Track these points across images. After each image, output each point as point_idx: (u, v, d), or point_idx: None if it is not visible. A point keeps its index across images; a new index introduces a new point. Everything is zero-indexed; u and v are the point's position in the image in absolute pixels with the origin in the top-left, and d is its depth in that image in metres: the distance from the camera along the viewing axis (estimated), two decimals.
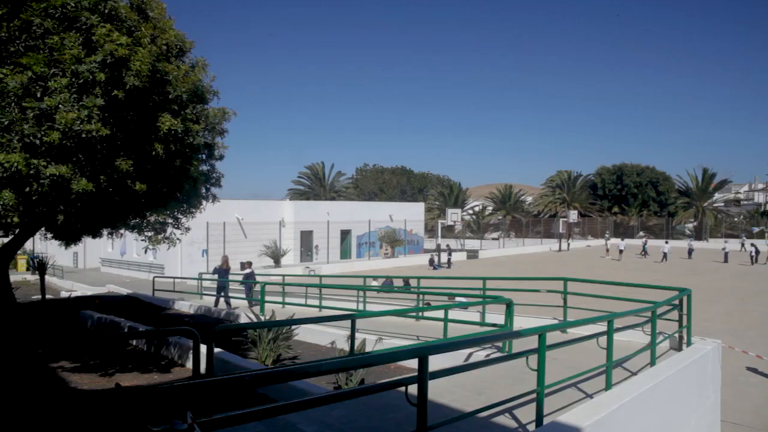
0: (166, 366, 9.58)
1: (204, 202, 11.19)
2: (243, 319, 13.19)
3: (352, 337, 7.27)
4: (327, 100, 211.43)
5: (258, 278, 19.97)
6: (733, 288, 24.51)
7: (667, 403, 6.30)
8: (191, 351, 6.49)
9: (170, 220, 11.00)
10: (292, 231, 35.79)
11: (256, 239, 32.62)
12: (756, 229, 59.04)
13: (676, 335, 8.03)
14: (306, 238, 37.01)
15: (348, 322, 7.47)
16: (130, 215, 9.96)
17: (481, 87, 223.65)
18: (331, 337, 10.52)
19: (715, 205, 64.96)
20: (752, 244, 37.74)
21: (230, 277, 18.19)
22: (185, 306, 17.14)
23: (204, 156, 10.45)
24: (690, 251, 38.66)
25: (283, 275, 22.41)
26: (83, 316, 14.44)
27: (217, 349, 8.48)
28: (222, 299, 17.37)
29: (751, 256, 35.50)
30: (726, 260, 36.01)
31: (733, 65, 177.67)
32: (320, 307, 14.04)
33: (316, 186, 69.39)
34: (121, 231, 11.28)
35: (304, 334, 11.00)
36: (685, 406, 6.97)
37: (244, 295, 17.65)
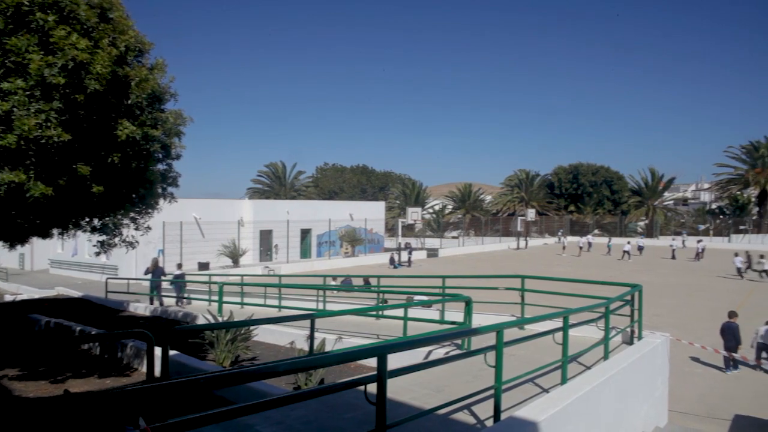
0: (121, 370, 9.31)
1: (161, 202, 10.92)
2: (200, 321, 12.95)
3: (311, 337, 7.22)
4: (287, 98, 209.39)
5: (216, 279, 19.70)
6: (680, 283, 25.49)
7: (619, 394, 6.50)
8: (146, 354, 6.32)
9: (127, 221, 10.70)
10: (251, 230, 35.30)
11: (214, 239, 32.06)
12: (702, 227, 61.54)
13: (628, 330, 8.28)
14: (265, 237, 36.58)
15: (308, 322, 7.42)
16: (85, 217, 9.65)
17: (441, 86, 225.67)
18: (291, 337, 10.43)
19: (665, 203, 67.36)
20: (699, 240, 39.38)
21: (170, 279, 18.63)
22: (141, 308, 16.71)
23: (161, 155, 10.20)
24: (640, 248, 40.02)
25: (242, 275, 22.11)
26: (31, 320, 13.88)
27: (173, 352, 8.29)
28: (174, 299, 17.63)
29: (697, 253, 37.08)
30: (674, 257, 37.45)
31: (682, 69, 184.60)
32: (280, 307, 13.90)
33: (275, 185, 68.65)
34: (73, 231, 10.92)
35: (263, 334, 10.87)
36: (636, 397, 7.21)
37: (190, 295, 17.67)
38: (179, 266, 20.01)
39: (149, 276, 19.15)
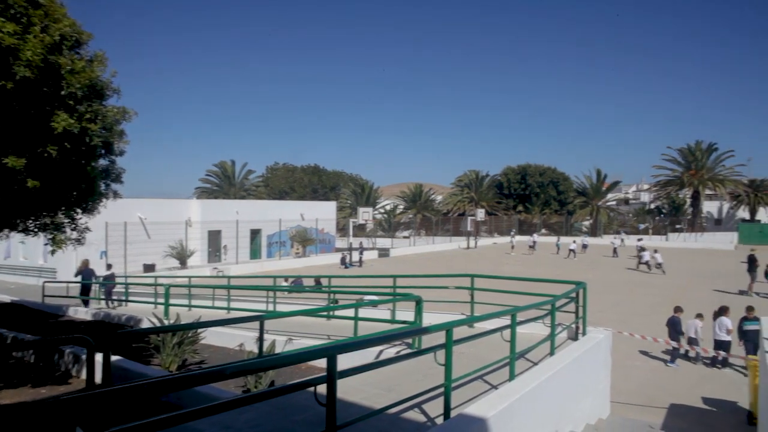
0: (59, 378, 8.88)
1: (104, 200, 10.47)
2: (146, 324, 12.54)
3: (260, 339, 7.11)
4: (238, 98, 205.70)
5: (162, 280, 19.15)
6: (622, 280, 26.52)
7: (565, 389, 6.69)
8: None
9: (66, 220, 10.20)
10: (199, 231, 34.48)
11: (160, 240, 31.12)
12: (642, 226, 64.26)
13: (573, 326, 8.53)
14: (214, 238, 35.80)
15: (258, 324, 7.30)
16: (20, 215, 9.14)
17: (392, 86, 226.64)
18: (240, 340, 10.24)
19: (608, 204, 69.92)
20: (639, 239, 41.11)
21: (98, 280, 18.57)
22: (81, 312, 16.05)
23: (103, 151, 9.78)
24: (584, 246, 41.42)
25: (190, 277, 21.57)
26: None
27: (116, 357, 7.99)
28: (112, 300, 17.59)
29: (638, 249, 38.75)
30: (615, 254, 38.98)
31: (625, 73, 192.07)
32: (229, 309, 13.63)
33: (225, 184, 67.33)
34: (7, 232, 10.32)
35: (211, 337, 10.63)
36: (581, 391, 7.44)
37: (135, 298, 17.25)
38: (109, 267, 19.78)
39: (79, 278, 18.76)
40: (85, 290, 18.40)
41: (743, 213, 67.37)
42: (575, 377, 7.12)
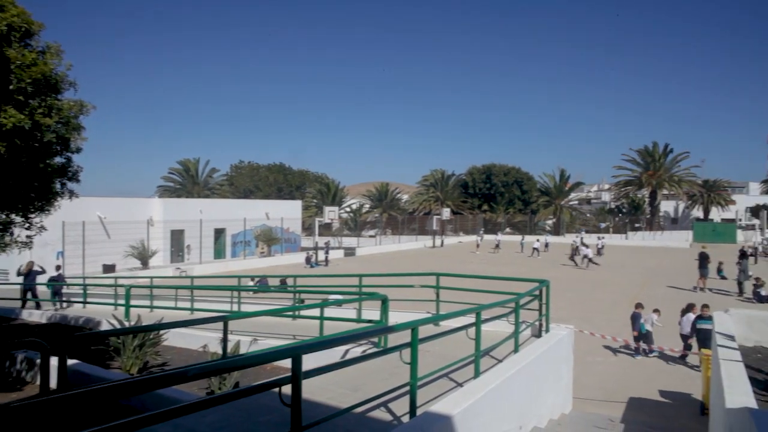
0: (11, 385, 8.52)
1: (59, 199, 10.09)
2: (105, 326, 12.19)
3: (224, 340, 6.99)
4: (203, 95, 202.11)
5: (123, 281, 18.69)
6: (583, 278, 27.11)
7: (528, 385, 6.79)
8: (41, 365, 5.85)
9: (18, 220, 9.79)
10: (162, 230, 33.73)
11: (121, 239, 30.32)
12: (603, 225, 65.84)
13: (537, 323, 8.67)
14: (177, 237, 35.09)
15: (221, 325, 7.17)
16: None
17: (358, 85, 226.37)
18: (204, 341, 10.05)
19: (570, 203, 71.41)
20: (599, 237, 42.16)
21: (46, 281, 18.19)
22: (36, 315, 15.48)
23: (58, 148, 9.42)
24: (546, 245, 42.25)
25: (151, 277, 21.09)
26: None
27: (73, 361, 7.75)
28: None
29: (598, 248, 39.73)
30: (577, 253, 39.81)
31: (587, 75, 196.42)
32: (192, 309, 13.37)
33: (188, 183, 66.06)
34: None
35: (174, 338, 10.40)
36: (544, 387, 7.57)
37: (94, 299, 16.84)
38: (57, 268, 19.46)
39: (23, 279, 18.31)
40: (31, 292, 17.85)
41: (697, 212, 69.82)
42: (539, 373, 7.23)
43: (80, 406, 2.59)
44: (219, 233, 37.86)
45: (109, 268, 28.69)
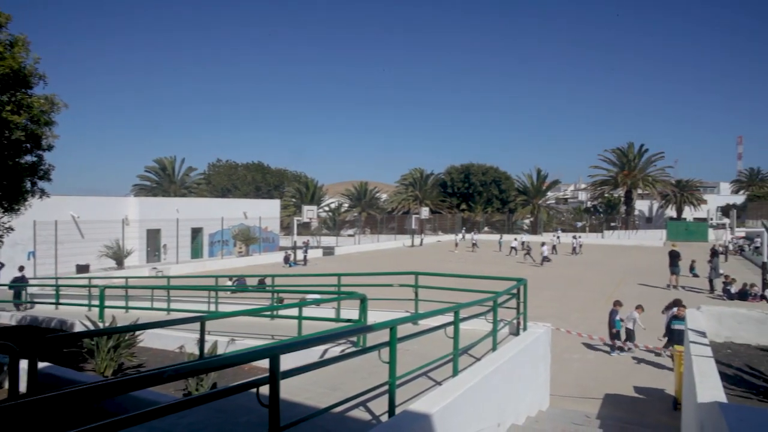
0: None
1: (30, 198, 9.83)
2: (79, 328, 11.97)
3: (201, 340, 6.91)
4: (180, 94, 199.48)
5: (97, 282, 18.37)
6: (560, 276, 27.43)
7: (507, 383, 6.84)
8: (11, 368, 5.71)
9: None
10: (138, 230, 33.22)
11: (95, 239, 29.77)
12: (579, 224, 66.72)
13: (514, 322, 8.75)
14: (153, 237, 34.59)
15: (199, 325, 7.09)
16: None
17: (338, 85, 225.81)
18: (181, 341, 9.94)
19: (548, 202, 72.22)
20: (574, 237, 42.76)
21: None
22: (6, 316, 15.13)
23: (29, 146, 9.18)
24: (523, 243, 42.66)
25: (127, 277, 20.76)
26: None
27: (44, 364, 7.58)
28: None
29: (574, 248, 40.39)
30: (554, 251, 40.31)
31: (564, 77, 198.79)
32: (169, 309, 13.20)
33: (165, 182, 65.11)
34: None
35: (150, 339, 10.26)
36: (522, 384, 7.63)
37: (66, 300, 16.53)
38: (21, 269, 19.41)
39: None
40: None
41: (671, 212, 71.22)
42: (517, 371, 7.30)
43: (50, 410, 2.53)
44: (196, 233, 37.43)
45: (82, 269, 28.16)
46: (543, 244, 36.03)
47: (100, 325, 10.63)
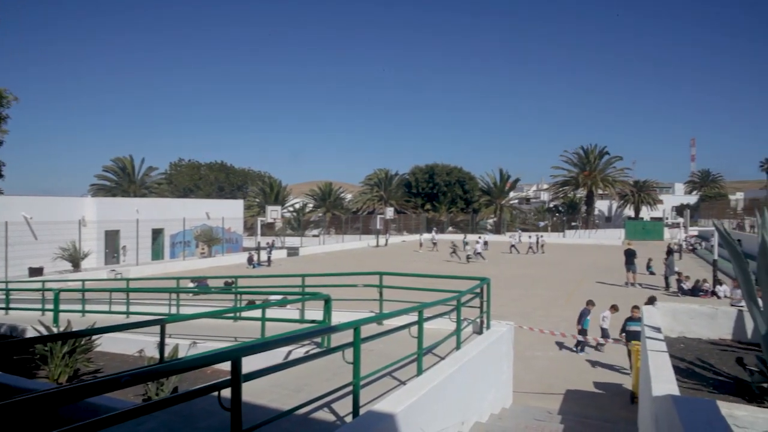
0: None
1: None
2: (30, 333, 11.54)
3: (161, 344, 6.76)
4: (140, 93, 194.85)
5: (51, 285, 17.77)
6: (523, 275, 27.89)
7: (470, 381, 6.92)
8: None
9: None
10: (95, 231, 32.27)
11: (50, 240, 28.78)
12: (542, 224, 67.97)
13: (478, 320, 8.84)
14: (111, 238, 33.67)
15: (159, 328, 6.93)
16: None
17: (301, 85, 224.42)
18: (140, 345, 9.69)
19: (511, 202, 73.28)
20: (530, 236, 43.72)
21: None
22: None
23: None
24: (485, 243, 43.30)
25: (83, 280, 20.15)
26: None
27: None
28: None
29: (528, 246, 41.34)
30: (518, 251, 41.10)
31: (526, 78, 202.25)
32: (128, 313, 12.88)
33: (124, 182, 63.38)
34: None
35: (108, 344, 9.96)
36: (486, 382, 7.72)
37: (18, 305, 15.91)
38: None
39: None
40: None
41: (629, 211, 73.28)
42: (480, 369, 7.38)
43: None
44: (157, 233, 36.62)
45: (35, 272, 27.19)
46: (476, 242, 37.81)
47: (55, 330, 10.26)
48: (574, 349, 13.25)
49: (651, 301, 12.97)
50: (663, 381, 4.23)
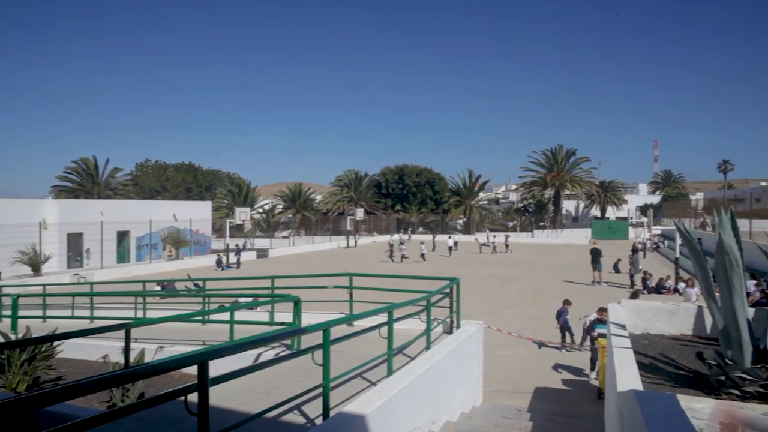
0: None
1: None
2: None
3: (126, 349, 6.61)
4: (105, 93, 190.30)
5: (8, 290, 17.22)
6: (492, 275, 28.19)
7: (440, 381, 6.96)
8: None
9: None
10: (57, 233, 31.38)
11: (8, 244, 27.80)
12: (511, 224, 68.84)
13: (448, 320, 8.90)
14: (74, 241, 32.79)
15: (124, 333, 6.78)
16: None
17: (270, 86, 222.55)
18: (105, 351, 9.47)
19: (480, 203, 74.03)
20: (493, 236, 44.37)
21: None
22: None
23: None
24: (455, 243, 43.73)
25: (44, 285, 19.56)
26: None
27: None
28: None
29: (493, 246, 41.92)
30: (482, 251, 41.69)
31: (495, 81, 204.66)
32: (92, 318, 12.54)
33: (87, 183, 61.73)
34: None
35: (71, 350, 9.70)
36: (456, 382, 7.78)
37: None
38: None
39: None
40: None
41: (596, 211, 74.83)
42: (450, 369, 7.43)
43: None
44: (122, 236, 35.82)
45: None
46: (421, 243, 38.88)
47: (13, 336, 9.95)
48: (558, 347, 13.35)
49: (634, 296, 13.24)
50: (627, 377, 4.33)
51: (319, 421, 4.94)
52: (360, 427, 4.60)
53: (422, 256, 36.20)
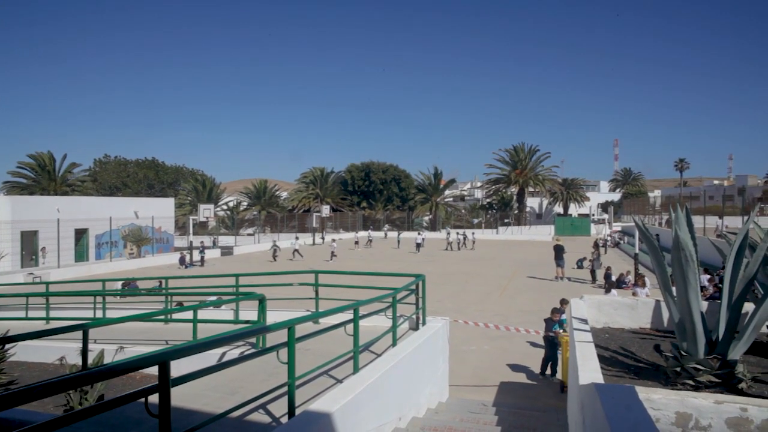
0: None
1: None
2: None
3: (84, 350, 6.42)
4: (63, 86, 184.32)
5: None
6: (458, 271, 28.46)
7: (407, 377, 6.98)
8: None
9: None
10: (9, 231, 30.26)
11: None
12: (476, 221, 69.60)
13: (414, 317, 8.93)
14: (29, 239, 31.69)
15: (81, 334, 6.58)
16: None
17: (236, 82, 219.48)
18: (61, 353, 9.17)
19: (446, 200, 74.60)
20: (461, 234, 44.85)
21: None
22: None
23: None
24: (422, 240, 44.07)
25: None
26: None
27: None
28: None
29: (458, 243, 42.41)
30: (449, 248, 42.09)
31: (462, 79, 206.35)
32: (48, 319, 12.14)
33: (43, 179, 59.66)
34: None
35: (24, 353, 9.36)
36: (422, 377, 7.82)
37: None
38: None
39: None
40: None
41: (559, 208, 76.32)
42: (417, 365, 7.46)
43: None
44: (81, 234, 34.79)
45: None
46: (333, 241, 39.83)
47: None
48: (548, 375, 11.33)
49: (609, 291, 13.36)
50: (588, 370, 4.43)
51: (284, 420, 4.89)
52: (326, 425, 4.57)
53: (332, 254, 35.78)
